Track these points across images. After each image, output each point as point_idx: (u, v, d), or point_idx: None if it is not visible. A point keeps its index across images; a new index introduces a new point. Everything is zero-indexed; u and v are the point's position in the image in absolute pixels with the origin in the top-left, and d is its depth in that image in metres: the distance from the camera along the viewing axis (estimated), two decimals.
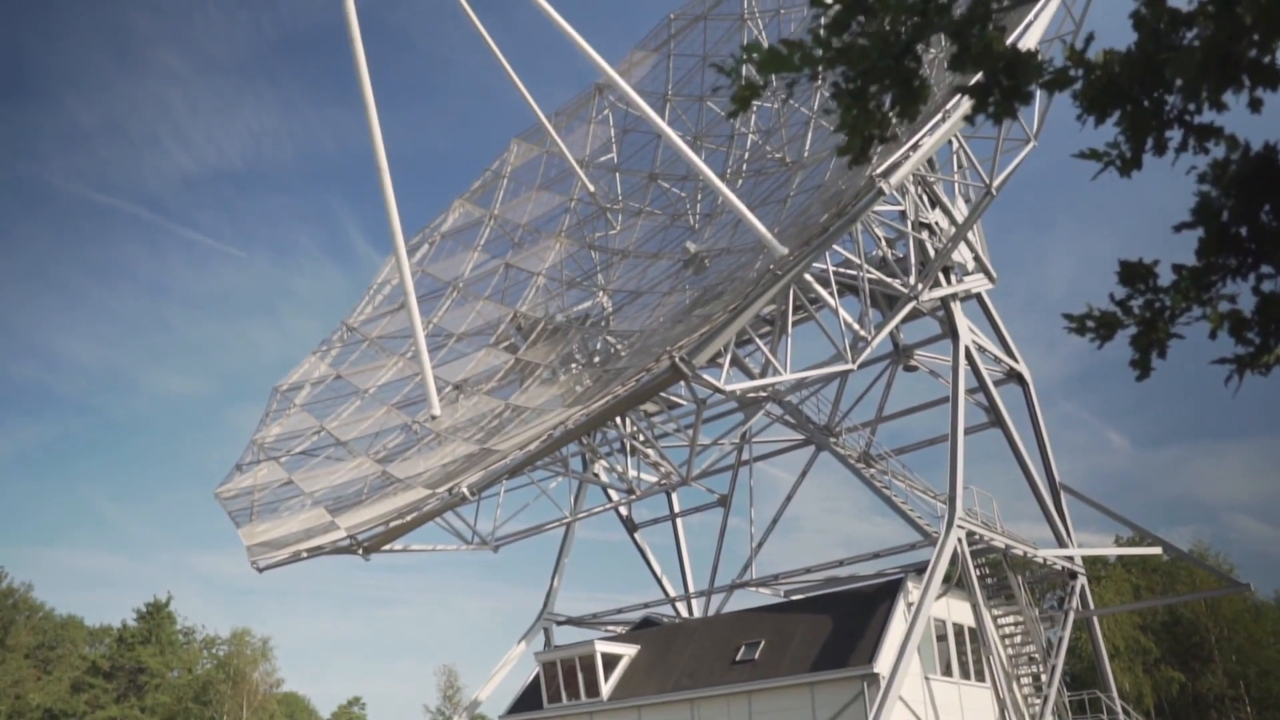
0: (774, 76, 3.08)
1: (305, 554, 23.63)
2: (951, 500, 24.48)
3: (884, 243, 25.94)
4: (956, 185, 27.06)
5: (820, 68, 3.04)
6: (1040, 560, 26.90)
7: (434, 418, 25.67)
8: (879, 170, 19.42)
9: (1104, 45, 3.31)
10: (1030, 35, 20.81)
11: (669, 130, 23.47)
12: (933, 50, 22.17)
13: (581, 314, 31.99)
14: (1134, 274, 3.36)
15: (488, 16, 28.70)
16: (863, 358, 23.23)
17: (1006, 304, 31.95)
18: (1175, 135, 3.30)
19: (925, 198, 26.40)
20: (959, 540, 24.00)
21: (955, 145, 25.90)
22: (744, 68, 3.17)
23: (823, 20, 3.03)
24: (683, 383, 21.59)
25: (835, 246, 22.62)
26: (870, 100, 3.01)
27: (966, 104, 15.51)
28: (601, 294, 32.38)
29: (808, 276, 21.76)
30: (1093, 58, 3.28)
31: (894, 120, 3.07)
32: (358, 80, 22.64)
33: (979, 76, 3.01)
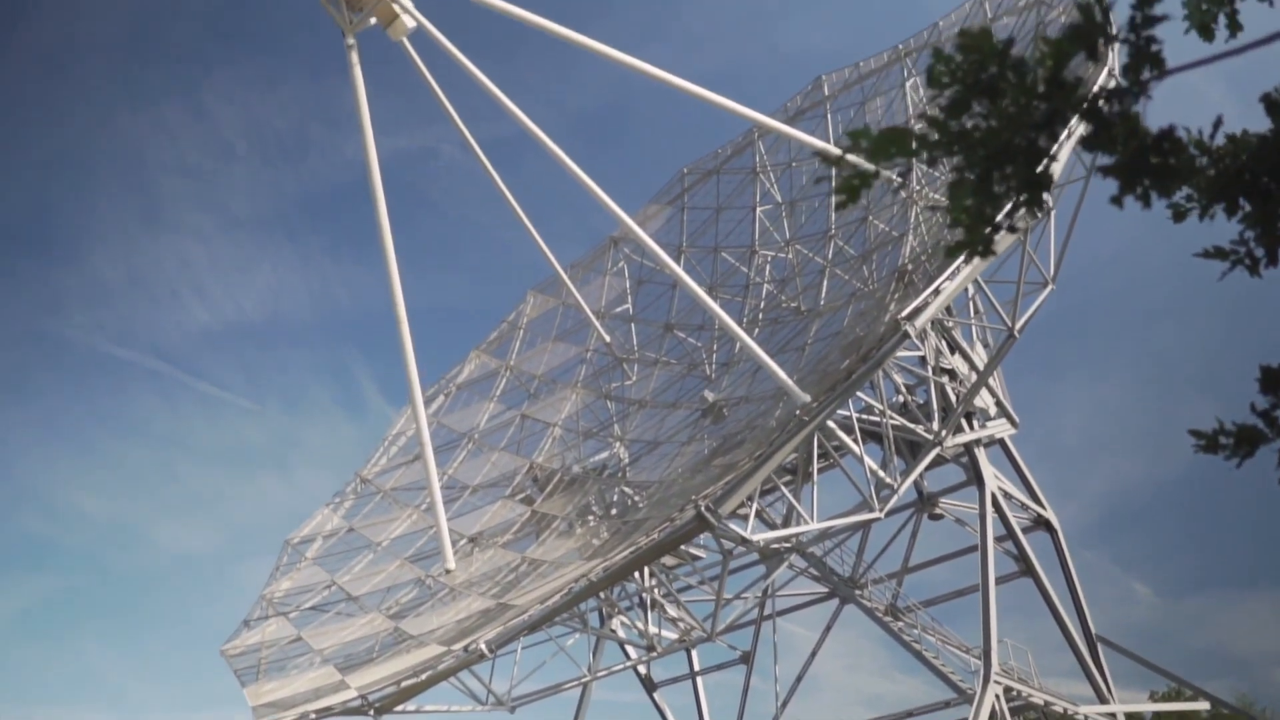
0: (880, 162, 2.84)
1: (314, 715, 22.63)
2: (986, 654, 23.56)
3: (904, 389, 25.73)
4: (974, 329, 26.98)
5: (938, 152, 2.80)
6: (1082, 717, 25.71)
7: (449, 571, 25.05)
8: (903, 314, 19.34)
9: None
10: None
11: (685, 276, 23.55)
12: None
13: (598, 465, 31.59)
14: (1277, 381, 3.04)
15: (502, 171, 29.33)
16: (889, 505, 22.70)
17: (1022, 451, 31.74)
18: None
19: (944, 343, 26.29)
20: (996, 697, 22.99)
21: (971, 291, 25.94)
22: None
23: (939, 103, 2.81)
24: (706, 534, 21.01)
25: (858, 393, 22.39)
26: (995, 184, 2.77)
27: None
28: (618, 444, 32.05)
29: (830, 423, 21.45)
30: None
31: (1023, 209, 2.82)
32: (379, 234, 22.93)
33: (1119, 158, 2.77)
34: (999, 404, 28.06)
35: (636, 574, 26.02)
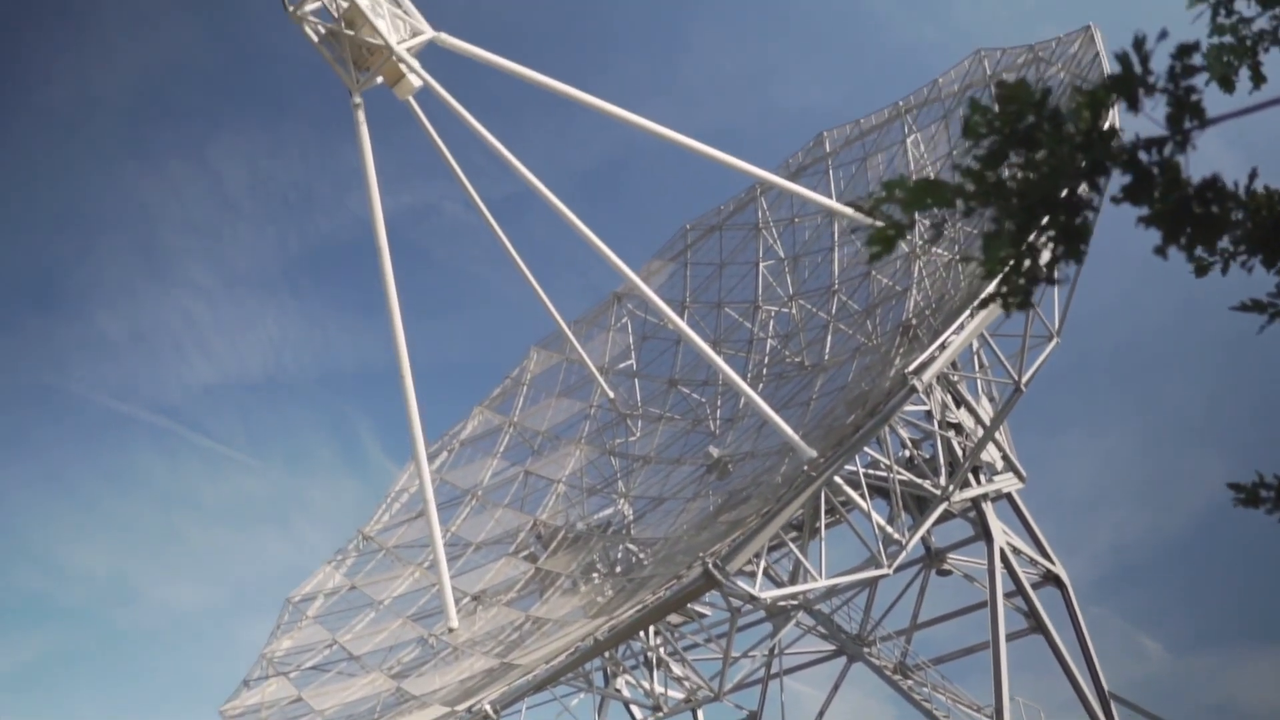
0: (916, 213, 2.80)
1: None
2: (998, 712, 23.21)
3: (910, 443, 25.58)
4: (979, 383, 26.90)
5: (974, 203, 2.76)
6: None
7: (451, 630, 24.75)
8: (910, 369, 19.29)
9: None
10: None
11: (689, 331, 23.48)
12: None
13: (603, 521, 31.37)
14: None
15: (505, 227, 29.48)
16: (898, 561, 22.49)
17: (1028, 505, 31.33)
18: None
19: (950, 397, 26.19)
20: None
21: (975, 345, 25.89)
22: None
23: (975, 154, 2.77)
24: (713, 591, 20.77)
25: (864, 448, 22.26)
26: (1034, 234, 2.73)
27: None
28: (622, 501, 31.85)
29: (837, 479, 21.30)
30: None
31: (1060, 260, 2.77)
32: (384, 290, 22.93)
33: (1160, 208, 2.73)
34: (1005, 458, 27.89)
35: (642, 632, 25.74)
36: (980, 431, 25.64)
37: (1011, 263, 2.76)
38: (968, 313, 19.80)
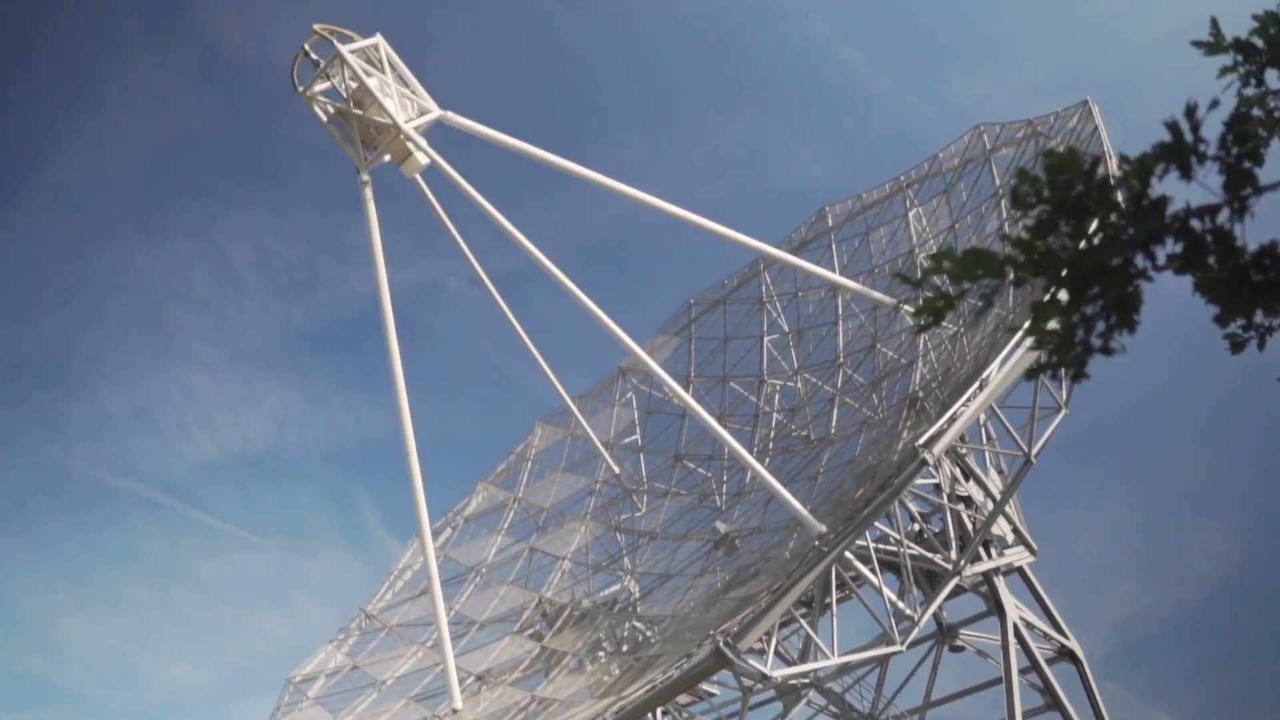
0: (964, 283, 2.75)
1: None
2: None
3: (920, 517, 25.36)
4: (988, 456, 26.71)
5: (1025, 273, 2.72)
6: None
7: (455, 711, 24.31)
8: (920, 441, 19.17)
9: None
10: None
11: (695, 405, 23.45)
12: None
13: (609, 599, 31.00)
14: None
15: (508, 303, 29.65)
16: (910, 638, 22.13)
17: (1038, 579, 30.95)
18: None
19: (959, 470, 26.01)
20: None
21: (983, 418, 25.75)
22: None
23: (1023, 224, 2.74)
24: (723, 670, 20.39)
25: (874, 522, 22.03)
26: (1088, 305, 2.68)
27: (1007, 369, 15.21)
28: (629, 578, 31.50)
29: (848, 554, 21.06)
30: None
31: (1113, 331, 2.72)
32: (389, 365, 22.96)
33: (1216, 277, 2.68)
34: (1016, 531, 27.60)
35: (650, 713, 25.24)
36: (990, 504, 25.40)
37: (1063, 334, 2.72)
38: (976, 384, 19.74)
